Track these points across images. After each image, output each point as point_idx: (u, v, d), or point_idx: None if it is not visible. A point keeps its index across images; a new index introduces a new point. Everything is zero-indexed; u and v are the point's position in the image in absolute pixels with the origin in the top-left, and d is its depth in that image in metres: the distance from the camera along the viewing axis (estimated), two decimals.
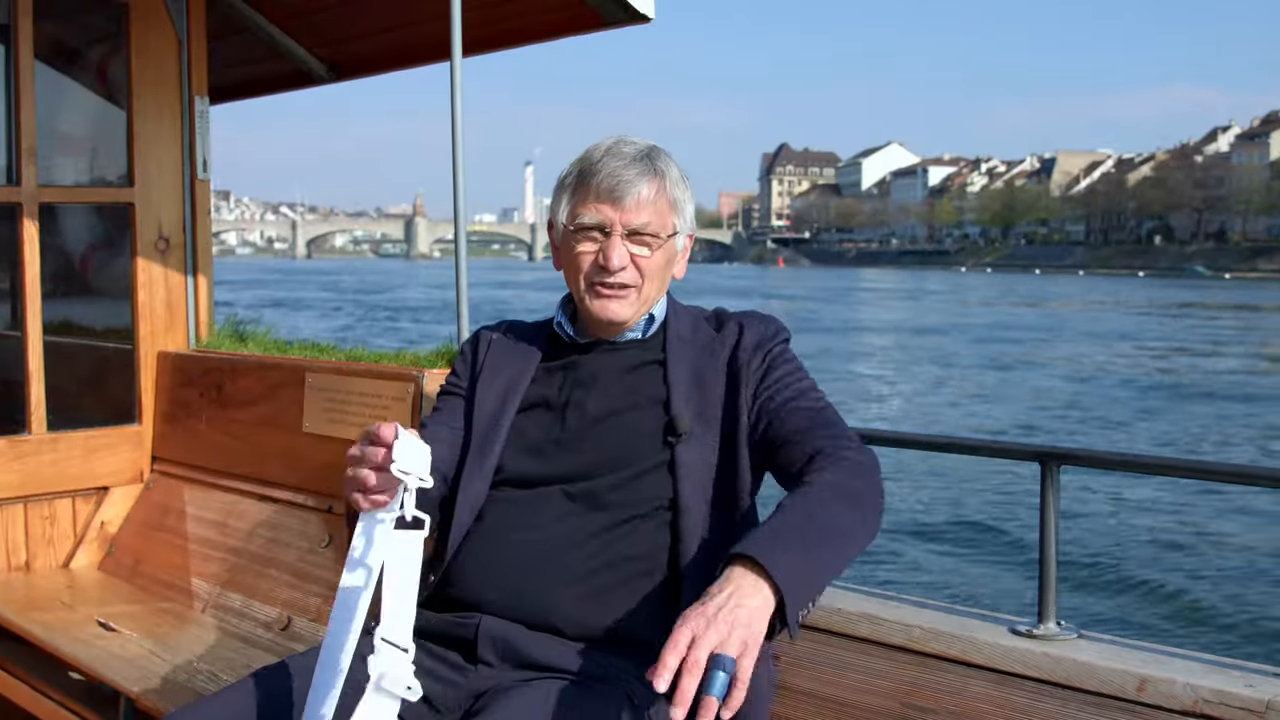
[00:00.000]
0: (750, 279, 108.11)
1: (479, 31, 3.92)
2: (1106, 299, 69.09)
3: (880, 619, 2.24)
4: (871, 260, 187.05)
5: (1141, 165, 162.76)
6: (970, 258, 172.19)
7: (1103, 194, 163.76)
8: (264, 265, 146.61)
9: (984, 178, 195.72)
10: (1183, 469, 2.11)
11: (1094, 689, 1.93)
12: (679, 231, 2.25)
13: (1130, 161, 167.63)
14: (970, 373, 28.81)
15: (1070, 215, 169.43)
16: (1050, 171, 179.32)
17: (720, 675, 1.55)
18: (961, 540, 12.41)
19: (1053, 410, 22.78)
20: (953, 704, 2.08)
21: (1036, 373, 29.27)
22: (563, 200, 2.23)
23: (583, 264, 2.19)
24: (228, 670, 3.17)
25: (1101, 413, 22.31)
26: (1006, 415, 21.96)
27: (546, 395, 2.25)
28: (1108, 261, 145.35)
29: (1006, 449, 2.24)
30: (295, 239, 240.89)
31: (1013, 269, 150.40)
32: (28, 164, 4.13)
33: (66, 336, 4.51)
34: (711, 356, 2.23)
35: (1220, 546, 12.21)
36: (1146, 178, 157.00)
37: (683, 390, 2.19)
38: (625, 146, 2.21)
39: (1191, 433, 20.27)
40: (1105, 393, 25.50)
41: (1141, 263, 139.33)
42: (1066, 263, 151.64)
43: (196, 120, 4.39)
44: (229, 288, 58.13)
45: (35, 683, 3.59)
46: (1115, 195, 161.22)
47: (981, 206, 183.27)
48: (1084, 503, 13.67)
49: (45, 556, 4.25)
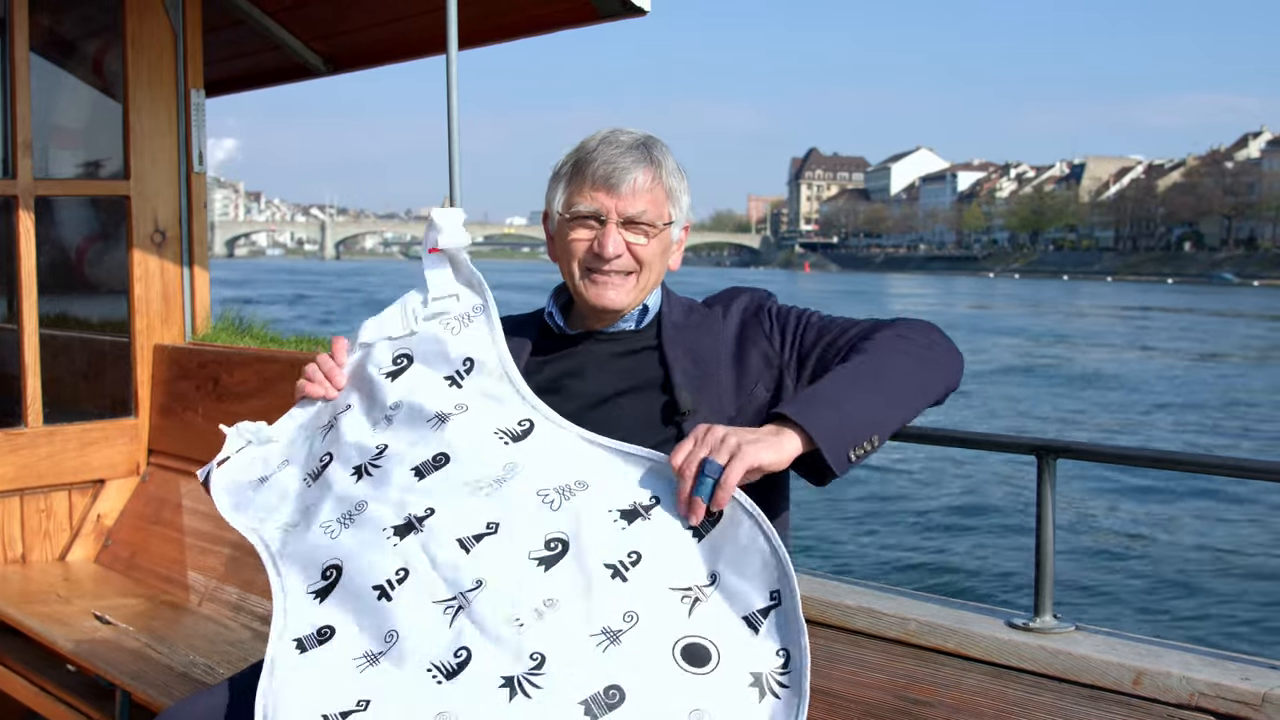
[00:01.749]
0: (777, 284, 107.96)
1: (474, 25, 3.91)
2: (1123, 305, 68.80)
3: (876, 612, 2.24)
4: (899, 266, 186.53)
5: (1172, 171, 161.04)
6: (998, 263, 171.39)
7: (1132, 200, 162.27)
8: (267, 266, 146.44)
9: (1013, 183, 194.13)
10: (1178, 462, 2.11)
11: (1090, 682, 1.93)
12: (674, 221, 2.24)
13: (1160, 167, 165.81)
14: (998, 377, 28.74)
15: (1099, 221, 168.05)
16: (1080, 177, 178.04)
17: (708, 481, 1.79)
18: (958, 533, 12.43)
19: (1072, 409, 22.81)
20: (949, 697, 2.08)
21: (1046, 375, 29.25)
22: (558, 189, 2.22)
23: (578, 251, 2.18)
24: (224, 663, 3.17)
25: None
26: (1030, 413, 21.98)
27: (537, 387, 2.24)
28: (1136, 268, 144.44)
29: (1003, 442, 2.24)
30: (324, 240, 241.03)
31: (1040, 275, 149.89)
32: (23, 157, 4.12)
33: (63, 329, 4.51)
34: (709, 334, 2.23)
35: (1216, 539, 12.24)
36: (1176, 184, 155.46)
37: (682, 368, 2.18)
38: (621, 135, 2.20)
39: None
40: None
41: (1170, 269, 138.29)
42: (1094, 269, 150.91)
43: (192, 113, 4.39)
44: (229, 286, 58.09)
45: (31, 675, 3.58)
46: (1145, 201, 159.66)
47: (1010, 212, 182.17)
48: (1081, 495, 13.70)
49: (41, 549, 4.25)
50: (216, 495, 2.11)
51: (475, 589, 1.81)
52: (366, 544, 1.90)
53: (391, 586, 1.84)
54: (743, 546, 1.82)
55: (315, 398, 2.19)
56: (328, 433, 2.12)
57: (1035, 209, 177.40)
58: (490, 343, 2.14)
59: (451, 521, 1.89)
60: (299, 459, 2.13)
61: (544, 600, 1.79)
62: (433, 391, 2.09)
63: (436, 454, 1.99)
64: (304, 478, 2.09)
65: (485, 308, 2.18)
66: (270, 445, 2.17)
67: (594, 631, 1.75)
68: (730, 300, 2.29)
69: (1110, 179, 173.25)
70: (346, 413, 2.13)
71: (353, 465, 2.03)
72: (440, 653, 1.76)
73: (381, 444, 2.04)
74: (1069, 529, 12.18)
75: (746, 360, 2.19)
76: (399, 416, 2.07)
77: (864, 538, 12.09)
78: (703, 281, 61.78)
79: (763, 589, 1.80)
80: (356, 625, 1.84)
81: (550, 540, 1.85)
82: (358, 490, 1.98)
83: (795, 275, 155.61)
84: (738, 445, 1.80)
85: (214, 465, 2.17)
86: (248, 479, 2.13)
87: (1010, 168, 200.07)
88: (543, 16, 4.07)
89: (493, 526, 1.87)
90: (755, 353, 2.20)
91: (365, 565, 1.87)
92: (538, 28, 4.18)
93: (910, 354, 2.05)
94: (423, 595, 1.82)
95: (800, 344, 2.19)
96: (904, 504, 13.61)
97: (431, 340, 2.15)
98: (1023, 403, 23.40)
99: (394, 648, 1.78)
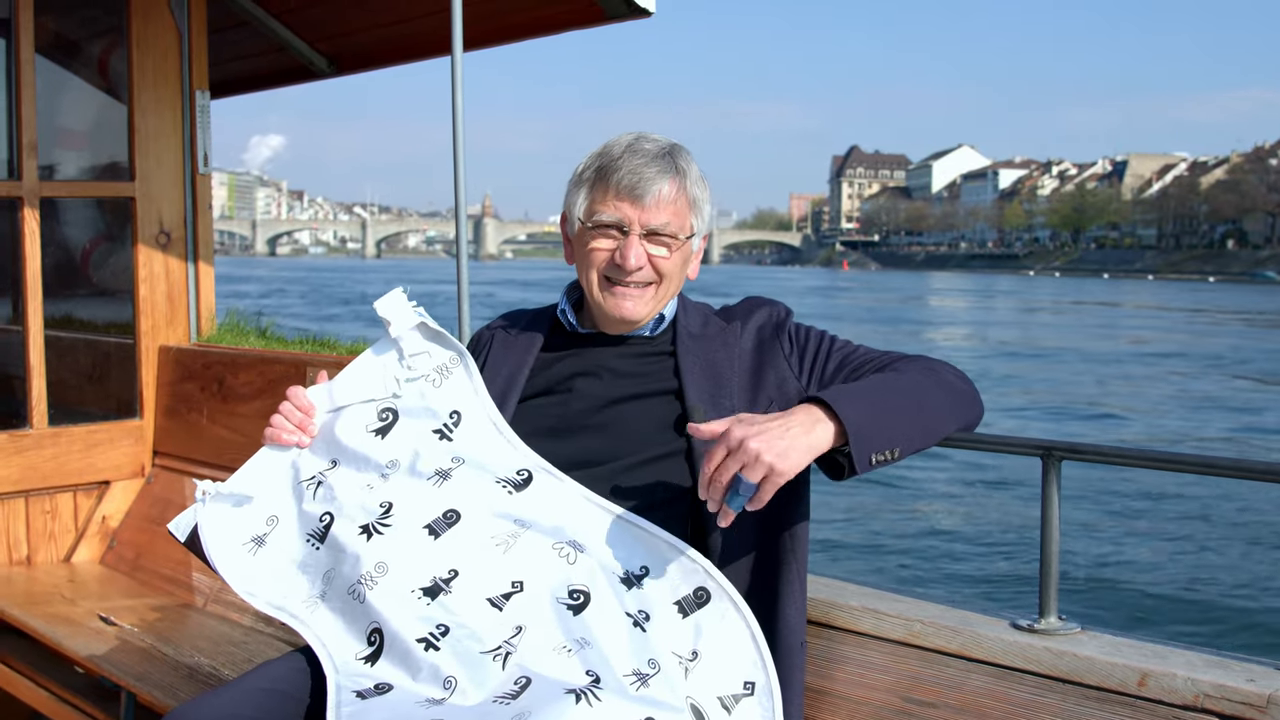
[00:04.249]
0: (816, 281, 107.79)
1: (480, 26, 3.91)
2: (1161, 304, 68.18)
3: (881, 613, 2.24)
4: (939, 264, 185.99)
5: (1215, 168, 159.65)
6: (1039, 261, 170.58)
7: (1174, 197, 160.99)
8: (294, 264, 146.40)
9: (1055, 180, 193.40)
10: (1184, 463, 2.10)
11: (1095, 683, 1.93)
12: (696, 233, 2.21)
13: (1204, 164, 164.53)
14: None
15: (1142, 219, 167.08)
16: (1122, 174, 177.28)
17: (739, 499, 1.84)
18: (963, 535, 12.41)
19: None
20: (954, 698, 2.08)
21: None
22: (580, 195, 2.19)
23: (598, 261, 2.16)
24: (229, 665, 3.17)
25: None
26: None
27: (548, 384, 2.24)
28: (1178, 266, 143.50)
29: (1008, 442, 2.23)
30: (365, 239, 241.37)
31: (1080, 273, 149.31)
32: (29, 158, 4.13)
33: (68, 331, 4.52)
34: (725, 348, 2.21)
35: (1222, 541, 12.21)
36: (1219, 181, 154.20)
37: (697, 381, 2.16)
38: (646, 144, 2.17)
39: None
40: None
41: (1213, 267, 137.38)
42: (1135, 267, 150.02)
43: (197, 114, 4.39)
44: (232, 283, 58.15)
45: (37, 677, 3.59)
46: (1187, 199, 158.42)
47: (1052, 210, 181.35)
48: (1086, 497, 13.67)
49: (47, 551, 4.25)
50: (226, 575, 2.10)
51: (517, 634, 1.90)
52: (399, 605, 1.94)
53: (436, 639, 1.90)
54: (724, 635, 1.93)
55: (289, 445, 2.18)
56: (317, 489, 2.12)
57: (1077, 207, 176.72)
58: (473, 393, 2.16)
59: (477, 582, 1.94)
60: (289, 516, 2.14)
61: (580, 639, 1.89)
62: (426, 447, 2.11)
63: (447, 510, 2.03)
64: (306, 538, 2.10)
65: (462, 358, 2.19)
66: (248, 505, 2.16)
67: (626, 672, 1.86)
68: (748, 315, 2.27)
69: (1153, 176, 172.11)
70: (334, 470, 2.13)
71: (359, 525, 2.03)
72: (501, 686, 1.84)
73: (385, 502, 2.05)
74: (1074, 530, 12.16)
75: (762, 380, 2.19)
76: (397, 474, 2.09)
77: (868, 538, 12.08)
78: (739, 279, 60.55)
79: (737, 678, 1.92)
80: (412, 677, 1.90)
81: (573, 591, 1.94)
82: (373, 551, 2.00)
83: (835, 273, 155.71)
84: (771, 468, 1.81)
85: (186, 524, 2.15)
86: (240, 541, 2.13)
87: (1052, 165, 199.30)
88: (548, 17, 4.07)
89: (518, 585, 1.94)
90: (771, 373, 2.19)
91: (404, 625, 1.92)
92: (543, 29, 4.18)
93: (940, 386, 2.07)
94: (470, 646, 1.89)
95: (822, 371, 2.19)
96: (907, 504, 13.60)
97: (415, 395, 2.17)
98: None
99: (456, 691, 1.86)
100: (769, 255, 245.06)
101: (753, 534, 2.11)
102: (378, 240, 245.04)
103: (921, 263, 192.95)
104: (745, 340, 2.23)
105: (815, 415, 1.88)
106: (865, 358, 2.19)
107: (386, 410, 2.16)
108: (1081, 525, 12.48)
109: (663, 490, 2.10)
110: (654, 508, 2.07)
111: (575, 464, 2.10)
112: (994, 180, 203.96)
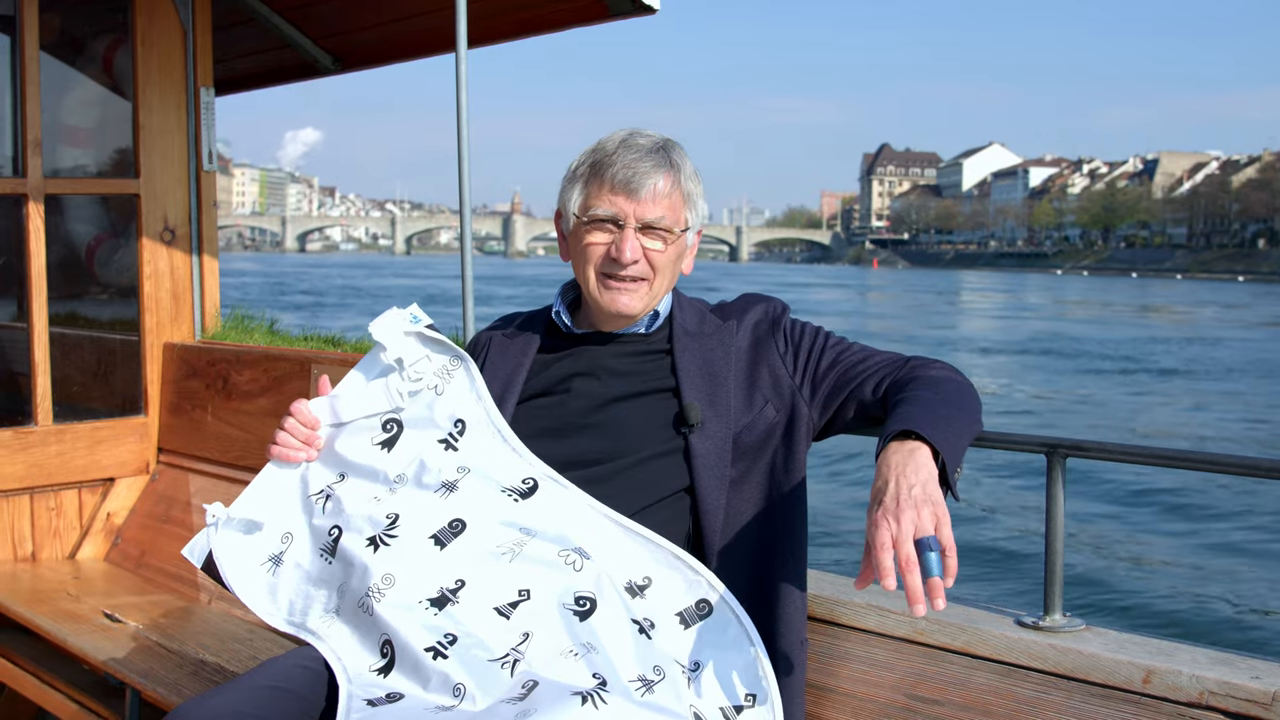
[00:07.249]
0: (846, 279, 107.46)
1: (484, 23, 3.91)
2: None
3: (886, 610, 2.24)
4: (969, 262, 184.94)
5: (1247, 167, 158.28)
6: (1068, 260, 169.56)
7: (1205, 196, 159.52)
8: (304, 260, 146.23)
9: (1085, 179, 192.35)
10: (1189, 460, 2.10)
11: (1100, 680, 1.93)
12: (690, 227, 2.23)
13: (1235, 163, 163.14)
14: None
15: (1172, 218, 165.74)
16: (1153, 173, 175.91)
17: (932, 556, 1.69)
18: (967, 532, 12.40)
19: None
20: (958, 695, 2.08)
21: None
22: (574, 191, 2.20)
23: (594, 256, 2.17)
24: (234, 662, 3.17)
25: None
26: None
27: (545, 385, 2.24)
28: (1208, 265, 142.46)
29: (1013, 440, 2.23)
30: (395, 235, 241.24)
31: (1109, 272, 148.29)
32: (33, 155, 4.13)
33: (72, 328, 4.52)
34: (721, 345, 2.22)
35: (1227, 538, 12.19)
36: (1251, 179, 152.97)
37: (693, 380, 2.17)
38: (640, 139, 2.19)
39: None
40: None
41: (1243, 267, 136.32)
42: (1165, 266, 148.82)
43: (202, 111, 4.39)
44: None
45: (42, 674, 3.59)
46: (1218, 197, 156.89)
47: (1082, 208, 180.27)
48: (1091, 494, 13.65)
49: (51, 548, 4.26)
50: (246, 598, 2.11)
51: (524, 641, 1.91)
52: (406, 616, 1.94)
53: (444, 648, 1.91)
54: (726, 647, 1.95)
55: (296, 462, 2.18)
56: (326, 503, 2.13)
57: (1107, 205, 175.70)
58: (476, 399, 2.16)
59: (484, 592, 1.95)
60: (302, 532, 2.14)
61: (586, 643, 1.90)
62: (432, 458, 2.11)
63: (453, 520, 2.03)
64: (319, 553, 2.10)
65: (463, 361, 2.19)
66: (261, 525, 2.16)
67: (631, 677, 1.87)
68: (744, 312, 2.28)
69: (1184, 175, 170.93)
70: (342, 484, 2.13)
71: (366, 537, 2.04)
72: (509, 690, 1.85)
73: (391, 514, 2.06)
74: (1079, 526, 12.14)
75: (757, 377, 2.19)
76: (403, 486, 2.10)
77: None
78: (772, 275, 59.70)
79: (739, 690, 1.93)
80: (423, 688, 1.90)
81: (580, 598, 1.94)
82: (380, 563, 2.00)
83: (865, 271, 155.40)
84: (933, 512, 1.75)
85: (201, 550, 2.16)
86: (258, 561, 2.14)
87: (1083, 163, 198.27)
88: (553, 15, 4.06)
89: (525, 593, 1.95)
90: (766, 371, 2.19)
91: (412, 636, 1.93)
92: (548, 26, 4.17)
93: (962, 392, 2.09)
94: (478, 655, 1.90)
95: (815, 369, 2.19)
96: None
97: (420, 406, 2.17)
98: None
99: (465, 698, 1.87)
100: (799, 253, 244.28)
101: (752, 534, 2.12)
102: (407, 237, 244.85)
103: (950, 261, 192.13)
104: (741, 338, 2.23)
105: (909, 447, 1.85)
106: (860, 354, 2.19)
107: (391, 421, 2.16)
108: (1086, 522, 12.46)
109: (661, 488, 2.11)
110: (653, 506, 2.09)
111: (574, 464, 2.11)
112: (1024, 178, 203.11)
